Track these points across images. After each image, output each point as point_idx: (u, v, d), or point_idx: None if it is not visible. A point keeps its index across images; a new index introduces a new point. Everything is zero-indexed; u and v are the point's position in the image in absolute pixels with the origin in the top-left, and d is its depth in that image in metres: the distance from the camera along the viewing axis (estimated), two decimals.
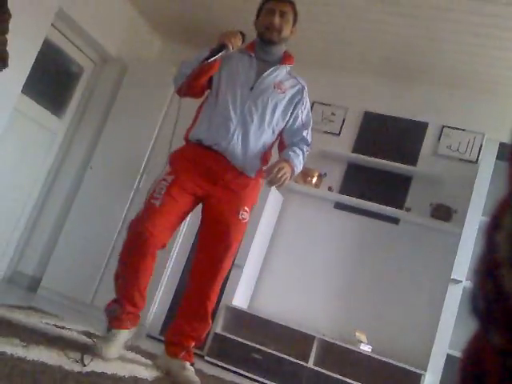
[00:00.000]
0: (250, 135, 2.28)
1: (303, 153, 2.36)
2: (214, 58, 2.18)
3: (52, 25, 3.59)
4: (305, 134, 2.41)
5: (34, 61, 3.40)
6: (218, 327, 3.41)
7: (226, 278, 3.50)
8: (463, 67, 3.72)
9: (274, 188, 3.78)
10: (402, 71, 4.02)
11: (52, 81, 3.99)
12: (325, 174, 3.98)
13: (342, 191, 3.95)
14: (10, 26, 3.08)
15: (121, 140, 3.98)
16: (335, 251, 3.86)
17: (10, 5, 3.04)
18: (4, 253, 3.81)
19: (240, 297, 3.65)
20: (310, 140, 2.43)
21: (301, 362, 3.25)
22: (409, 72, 4.01)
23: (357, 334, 3.38)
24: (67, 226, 3.87)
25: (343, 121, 4.17)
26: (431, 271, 3.62)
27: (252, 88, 2.30)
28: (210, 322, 2.32)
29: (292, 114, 2.39)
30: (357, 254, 3.83)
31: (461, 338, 3.05)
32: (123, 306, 2.14)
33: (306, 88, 2.45)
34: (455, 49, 3.54)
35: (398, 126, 4.03)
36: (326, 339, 3.32)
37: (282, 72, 2.39)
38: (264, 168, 2.32)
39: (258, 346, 3.32)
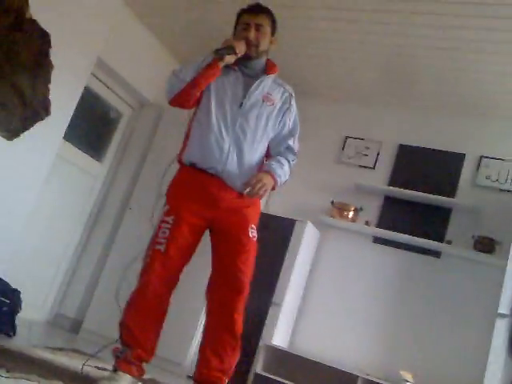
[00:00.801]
0: (245, 153, 2.23)
1: (289, 162, 2.31)
2: (221, 54, 2.15)
3: (91, 73, 3.74)
4: (291, 142, 2.35)
5: (74, 108, 3.54)
6: (259, 367, 3.36)
7: (264, 317, 3.49)
8: (498, 96, 3.68)
9: (310, 224, 3.77)
10: (436, 102, 4.00)
11: (92, 127, 4.14)
12: (361, 209, 3.94)
13: (380, 225, 3.90)
14: (52, 76, 3.26)
15: (158, 181, 4.04)
16: (376, 286, 3.78)
17: (52, 57, 3.21)
18: (47, 296, 3.88)
19: (280, 335, 3.60)
20: (296, 149, 2.36)
21: None
22: (443, 103, 3.98)
23: (401, 373, 3.27)
24: (107, 267, 3.93)
25: (377, 154, 4.15)
26: (476, 305, 3.49)
27: (241, 104, 2.25)
28: (239, 348, 2.16)
29: (279, 123, 2.33)
30: (398, 289, 3.74)
31: None
32: (132, 348, 2.08)
33: (293, 94, 2.39)
34: (490, 79, 3.51)
35: (434, 158, 3.98)
36: (370, 379, 3.22)
37: (267, 83, 2.33)
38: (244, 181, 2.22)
39: None
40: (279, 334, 3.58)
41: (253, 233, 2.22)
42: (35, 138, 3.22)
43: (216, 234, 2.25)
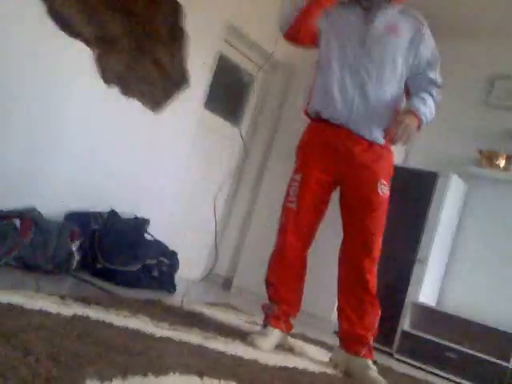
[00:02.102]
0: (371, 98, 2.07)
1: (432, 96, 2.12)
2: None
3: (223, 40, 3.83)
4: (432, 75, 2.14)
5: (211, 76, 3.67)
6: (406, 325, 3.31)
7: (409, 274, 3.40)
8: None
9: (455, 177, 3.54)
10: None
11: (227, 93, 4.26)
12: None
13: None
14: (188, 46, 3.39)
15: (293, 139, 4.08)
16: None
17: (185, 27, 3.33)
18: (200, 256, 4.17)
19: (426, 292, 3.49)
20: (439, 81, 2.15)
21: (501, 362, 2.99)
22: None
23: None
24: (252, 227, 4.09)
25: None
26: None
27: (364, 41, 2.10)
28: (378, 305, 2.11)
29: (415, 57, 2.13)
30: None
31: None
32: (279, 304, 2.15)
33: (424, 23, 2.17)
34: None
35: None
36: None
37: (391, 13, 2.14)
38: (384, 129, 2.08)
39: (451, 345, 3.14)
40: (426, 290, 3.48)
41: (383, 189, 2.10)
42: (178, 108, 3.41)
43: (344, 189, 2.18)
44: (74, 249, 2.44)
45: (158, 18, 3.21)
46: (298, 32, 2.19)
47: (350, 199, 2.16)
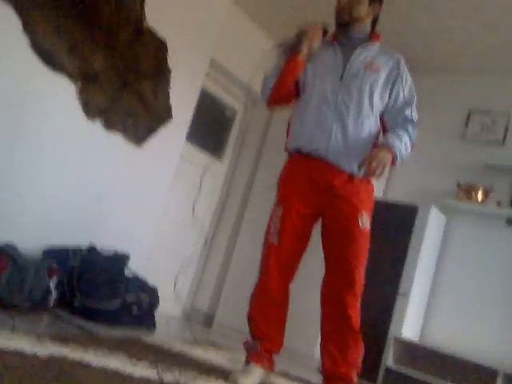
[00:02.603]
0: (350, 129, 2.09)
1: (408, 133, 2.12)
2: (284, 48, 2.14)
3: (206, 75, 3.87)
4: (408, 112, 2.16)
5: (193, 110, 3.69)
6: (389, 360, 3.28)
7: (391, 308, 3.39)
8: None
9: (434, 209, 3.58)
10: None
11: (210, 126, 4.29)
12: (491, 189, 3.66)
13: None
14: (171, 81, 3.42)
15: (276, 171, 4.11)
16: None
17: (168, 62, 3.36)
18: (180, 292, 4.11)
19: (409, 327, 3.48)
20: (415, 118, 2.17)
21: None
22: None
23: None
24: (233, 262, 4.06)
25: (506, 127, 3.82)
26: None
27: (342, 77, 2.14)
28: (361, 340, 2.07)
29: (391, 93, 2.17)
30: None
31: None
32: (261, 341, 2.12)
33: (403, 60, 2.21)
34: None
35: None
36: None
37: (371, 51, 2.19)
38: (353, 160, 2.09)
39: (435, 381, 3.11)
40: (408, 325, 3.47)
41: (363, 222, 2.08)
42: (160, 142, 3.41)
43: (325, 222, 2.16)
44: (51, 286, 2.38)
45: (142, 54, 3.24)
46: (281, 101, 2.28)
47: (331, 232, 2.15)
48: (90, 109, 3.01)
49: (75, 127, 2.95)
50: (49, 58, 2.74)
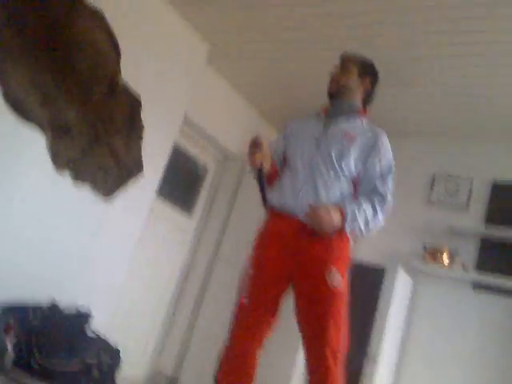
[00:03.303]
0: (320, 189, 2.13)
1: (373, 205, 2.11)
2: (261, 183, 2.19)
3: (179, 131, 3.90)
4: (378, 183, 2.17)
5: (165, 165, 3.69)
6: None
7: (359, 373, 3.33)
8: None
9: (401, 271, 3.61)
10: None
11: (180, 181, 4.29)
12: (456, 252, 3.73)
13: (479, 269, 3.66)
14: (143, 135, 3.43)
15: (245, 231, 4.09)
16: (480, 338, 3.51)
17: (142, 116, 3.38)
18: (144, 353, 3.97)
19: None
20: (383, 191, 2.15)
21: None
22: None
23: None
24: (200, 322, 3.97)
25: (470, 192, 3.94)
26: None
27: (318, 141, 2.22)
28: None
29: (365, 164, 2.19)
30: (508, 342, 3.44)
31: None
32: None
33: (383, 137, 2.25)
34: None
35: None
36: None
37: (354, 123, 2.26)
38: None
39: None
40: None
41: (333, 279, 2.03)
42: (130, 195, 3.38)
43: (294, 282, 2.12)
44: (8, 345, 2.26)
45: (116, 108, 3.25)
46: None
47: (299, 291, 2.11)
48: (59, 161, 2.97)
49: (43, 179, 2.89)
50: (20, 109, 2.72)
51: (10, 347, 2.31)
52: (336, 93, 2.31)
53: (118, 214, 3.34)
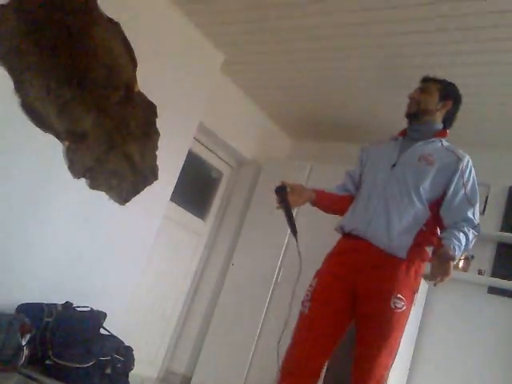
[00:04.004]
0: (392, 212, 2.08)
1: (466, 236, 2.02)
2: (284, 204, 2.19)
3: (194, 138, 3.98)
4: (469, 213, 2.07)
5: (179, 172, 3.76)
6: None
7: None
8: None
9: None
10: None
11: (195, 187, 4.36)
12: (472, 257, 3.70)
13: (495, 274, 3.62)
14: (159, 142, 3.51)
15: (258, 235, 4.14)
16: (494, 342, 3.47)
17: (158, 125, 3.47)
18: (157, 353, 4.03)
19: None
20: (476, 221, 2.08)
21: None
22: None
23: None
24: (213, 323, 4.01)
25: (486, 199, 3.91)
26: None
27: (394, 165, 2.18)
28: None
29: (448, 188, 2.11)
30: None
31: None
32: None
33: (466, 160, 2.17)
34: None
35: None
36: None
37: (434, 146, 2.20)
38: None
39: None
40: None
41: (396, 303, 2.00)
42: (144, 201, 3.45)
43: (357, 303, 2.08)
44: (23, 343, 2.33)
45: (132, 116, 3.32)
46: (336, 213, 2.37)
47: (360, 308, 2.08)
48: (76, 168, 3.05)
49: (60, 185, 2.98)
50: (38, 118, 2.82)
51: (25, 346, 2.38)
52: (415, 114, 2.26)
53: (133, 218, 3.41)
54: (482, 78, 3.24)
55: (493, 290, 3.62)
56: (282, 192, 2.18)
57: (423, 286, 3.73)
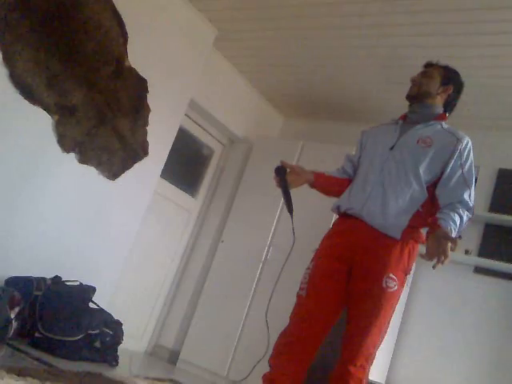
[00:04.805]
0: (389, 193, 2.10)
1: (461, 218, 2.01)
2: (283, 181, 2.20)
3: (185, 114, 3.95)
4: (465, 195, 2.07)
5: (170, 148, 3.75)
6: None
7: None
8: None
9: None
10: None
11: (186, 164, 4.35)
12: (459, 237, 3.73)
13: (482, 254, 3.67)
14: (150, 119, 3.48)
15: (249, 213, 4.15)
16: (478, 320, 3.54)
17: (149, 100, 3.44)
18: (146, 327, 4.06)
19: (376, 370, 3.46)
20: (471, 204, 2.08)
21: None
22: None
23: None
24: (202, 299, 4.05)
25: (476, 180, 3.92)
26: None
27: (392, 147, 2.19)
28: None
29: (445, 168, 2.11)
30: (504, 324, 3.47)
31: None
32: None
33: (466, 141, 2.16)
34: None
35: None
36: None
37: (433, 128, 2.20)
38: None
39: None
40: (376, 368, 3.45)
41: (388, 283, 2.01)
42: (135, 177, 3.44)
43: (351, 281, 2.09)
44: (12, 316, 2.34)
45: (122, 91, 3.29)
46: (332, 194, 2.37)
47: (353, 286, 2.08)
48: (65, 142, 3.03)
49: (50, 159, 2.96)
50: (27, 91, 2.78)
51: (14, 319, 2.39)
52: (416, 96, 2.27)
53: (123, 193, 3.40)
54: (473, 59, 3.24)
55: (479, 270, 3.68)
56: (281, 171, 2.20)
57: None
